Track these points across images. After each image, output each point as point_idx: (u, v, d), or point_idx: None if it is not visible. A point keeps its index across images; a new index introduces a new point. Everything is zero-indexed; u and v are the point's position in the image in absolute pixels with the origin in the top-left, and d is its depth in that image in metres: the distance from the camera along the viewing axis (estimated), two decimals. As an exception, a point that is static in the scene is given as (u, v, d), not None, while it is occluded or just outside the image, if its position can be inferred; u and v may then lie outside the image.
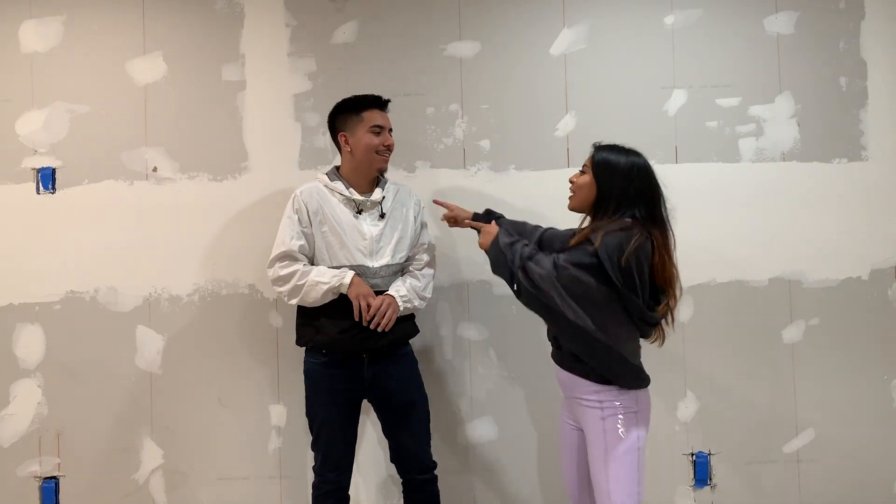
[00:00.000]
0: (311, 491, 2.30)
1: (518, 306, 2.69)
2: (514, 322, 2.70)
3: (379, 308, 2.18)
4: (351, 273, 2.19)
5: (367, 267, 2.24)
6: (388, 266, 2.27)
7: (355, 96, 2.34)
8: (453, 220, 2.38)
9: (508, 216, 2.69)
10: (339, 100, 2.33)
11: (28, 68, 2.66)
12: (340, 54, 2.70)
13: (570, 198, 2.04)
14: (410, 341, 2.40)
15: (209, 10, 2.70)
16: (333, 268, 2.22)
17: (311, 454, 2.27)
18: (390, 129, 2.34)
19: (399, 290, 2.27)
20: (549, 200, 2.68)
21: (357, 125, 2.29)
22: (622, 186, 1.93)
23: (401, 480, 2.38)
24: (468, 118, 2.72)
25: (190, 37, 2.69)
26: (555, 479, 2.69)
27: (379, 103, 2.32)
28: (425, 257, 2.41)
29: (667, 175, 2.70)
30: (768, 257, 2.71)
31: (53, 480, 2.62)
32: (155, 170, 2.67)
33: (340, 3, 2.71)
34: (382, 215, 2.30)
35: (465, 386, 2.69)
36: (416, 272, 2.38)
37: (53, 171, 2.64)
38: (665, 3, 2.75)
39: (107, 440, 2.63)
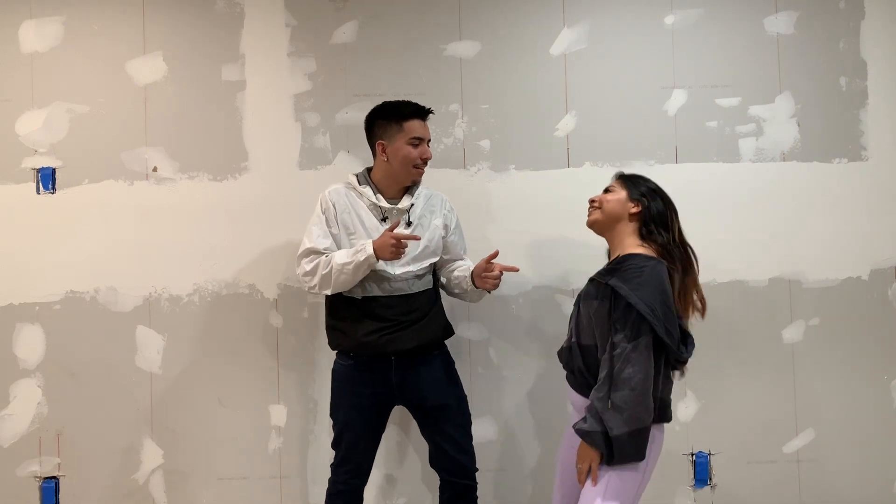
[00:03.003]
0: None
1: (518, 306, 2.70)
2: (514, 322, 2.70)
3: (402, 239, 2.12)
4: (369, 242, 2.14)
5: (388, 273, 2.19)
6: (408, 272, 2.23)
7: (397, 102, 2.28)
8: None
9: (509, 217, 2.70)
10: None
11: (28, 68, 2.66)
12: (340, 54, 2.70)
13: (594, 211, 2.01)
14: (447, 342, 2.36)
15: (209, 10, 2.69)
16: None
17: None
18: (429, 141, 2.29)
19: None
20: (549, 200, 2.68)
21: (397, 135, 2.22)
22: (659, 207, 1.95)
23: (438, 482, 2.35)
24: (468, 118, 2.72)
25: (190, 37, 2.69)
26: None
27: (422, 113, 2.26)
28: (460, 264, 2.38)
29: (667, 175, 2.71)
30: (768, 257, 2.71)
31: (53, 480, 2.62)
32: (155, 170, 2.67)
33: (340, 2, 2.71)
34: (409, 223, 2.26)
35: (465, 386, 2.68)
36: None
37: (53, 171, 2.64)
38: (665, 3, 2.75)
39: (107, 440, 2.63)
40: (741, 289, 2.70)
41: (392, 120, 2.24)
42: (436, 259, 2.33)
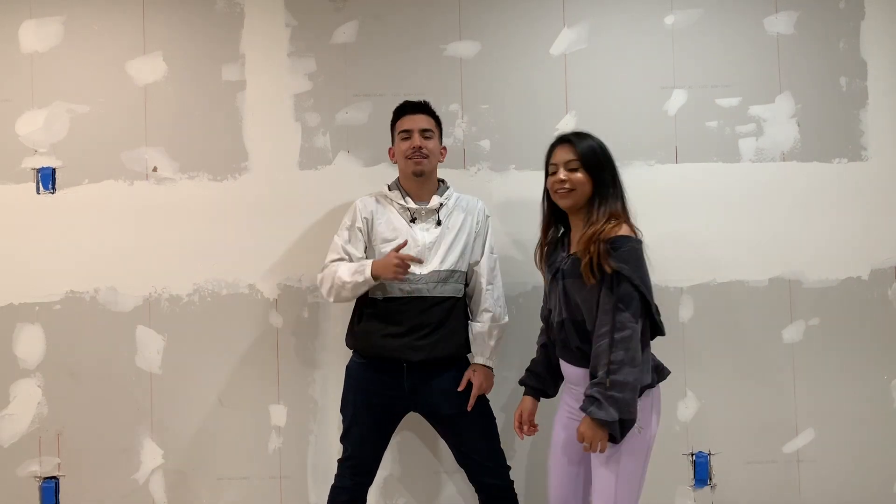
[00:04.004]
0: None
1: (518, 307, 2.70)
2: (515, 322, 2.70)
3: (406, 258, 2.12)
4: (369, 263, 2.17)
5: (414, 273, 2.19)
6: (435, 272, 2.23)
7: (396, 108, 2.38)
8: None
9: (509, 217, 2.70)
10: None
11: (28, 68, 2.66)
12: (340, 54, 2.70)
13: (568, 194, 1.98)
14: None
15: (209, 10, 2.69)
16: None
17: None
18: (423, 130, 2.29)
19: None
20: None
21: (395, 135, 2.36)
22: (610, 173, 1.99)
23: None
24: (468, 118, 2.72)
25: (190, 37, 2.69)
26: (555, 479, 2.69)
27: (407, 108, 2.33)
28: (483, 282, 2.35)
29: (667, 175, 2.72)
30: (768, 257, 2.71)
31: (53, 480, 2.62)
32: (155, 170, 2.67)
33: (340, 2, 2.71)
34: (439, 223, 2.29)
35: (465, 386, 2.69)
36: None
37: (53, 171, 2.64)
38: (665, 2, 2.75)
39: (107, 440, 2.63)
40: (741, 289, 2.70)
41: (392, 125, 2.37)
42: (465, 267, 2.31)
